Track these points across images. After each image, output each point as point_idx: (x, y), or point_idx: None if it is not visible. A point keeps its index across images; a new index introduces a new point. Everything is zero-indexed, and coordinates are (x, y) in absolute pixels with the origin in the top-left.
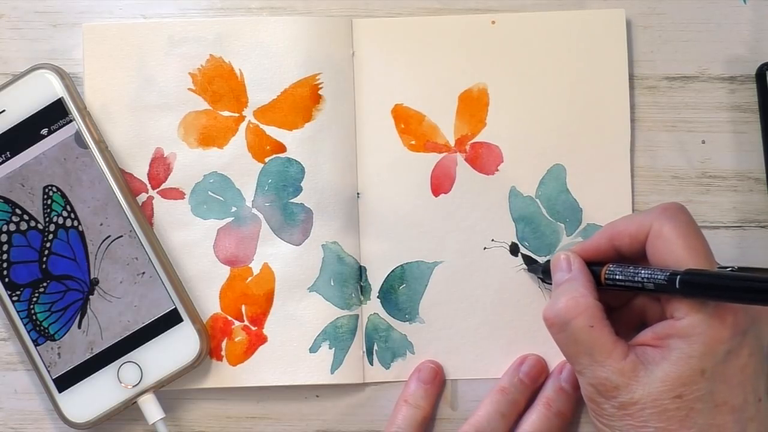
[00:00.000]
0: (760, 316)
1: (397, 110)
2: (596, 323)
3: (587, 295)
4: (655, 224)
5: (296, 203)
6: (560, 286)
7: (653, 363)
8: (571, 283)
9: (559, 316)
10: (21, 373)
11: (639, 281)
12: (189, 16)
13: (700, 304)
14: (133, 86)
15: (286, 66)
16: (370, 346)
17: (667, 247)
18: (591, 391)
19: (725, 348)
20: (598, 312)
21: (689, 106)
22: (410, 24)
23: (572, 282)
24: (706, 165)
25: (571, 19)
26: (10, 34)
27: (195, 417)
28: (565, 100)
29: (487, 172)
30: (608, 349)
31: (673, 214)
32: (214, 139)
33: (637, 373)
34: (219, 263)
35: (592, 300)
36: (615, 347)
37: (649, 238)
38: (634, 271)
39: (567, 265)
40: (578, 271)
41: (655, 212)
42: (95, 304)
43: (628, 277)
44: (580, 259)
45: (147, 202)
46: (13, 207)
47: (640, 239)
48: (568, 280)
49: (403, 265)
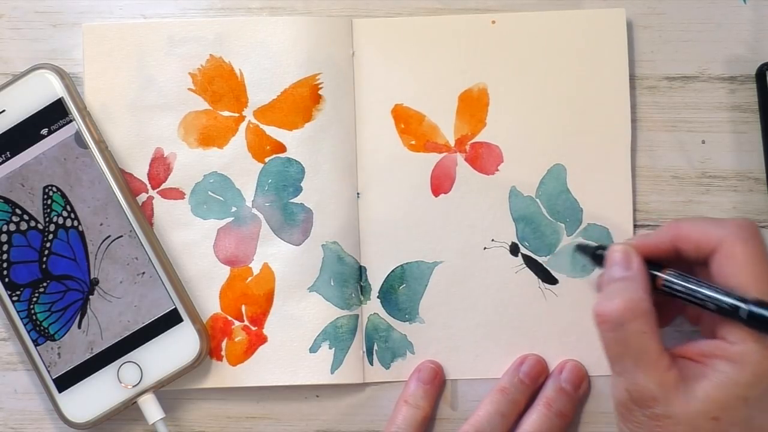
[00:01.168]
0: None
1: (397, 110)
2: (648, 330)
3: (645, 300)
4: (728, 242)
5: (296, 203)
6: (616, 284)
7: (694, 380)
8: (630, 283)
9: (613, 316)
10: (21, 373)
11: (700, 298)
12: (189, 16)
13: (757, 334)
14: (133, 86)
15: (286, 66)
16: (370, 346)
17: (737, 270)
18: (625, 397)
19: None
20: (652, 319)
21: (689, 106)
22: (410, 24)
23: (631, 282)
24: (706, 165)
25: (571, 19)
26: (10, 34)
27: (195, 417)
28: (566, 99)
29: (488, 172)
30: (654, 359)
31: (749, 236)
32: (214, 139)
33: (677, 388)
34: (219, 263)
35: (649, 305)
36: (661, 357)
37: (718, 254)
38: (696, 288)
39: (625, 261)
40: (638, 271)
41: (730, 228)
42: (95, 304)
43: (688, 291)
44: (639, 257)
45: (147, 202)
46: (13, 207)
47: (706, 251)
48: (625, 279)
49: (403, 265)
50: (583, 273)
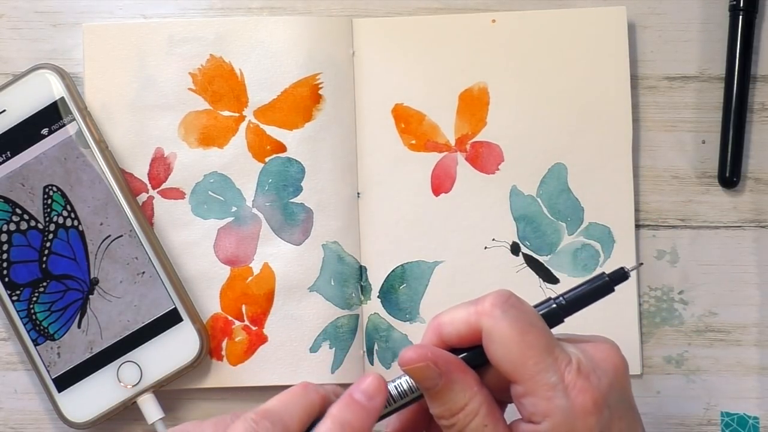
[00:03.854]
0: (615, 377)
1: (398, 110)
2: (490, 423)
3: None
4: (486, 327)
5: (296, 203)
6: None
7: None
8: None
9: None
10: (21, 373)
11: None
12: (189, 16)
13: (553, 399)
14: (134, 86)
15: (286, 66)
16: (370, 346)
17: (503, 352)
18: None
19: (598, 430)
20: (492, 411)
21: (689, 106)
22: (410, 24)
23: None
24: (706, 165)
25: (571, 17)
26: (10, 34)
27: (195, 417)
28: (566, 98)
29: (488, 171)
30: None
31: (503, 311)
32: (215, 138)
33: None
34: (219, 263)
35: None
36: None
37: (483, 341)
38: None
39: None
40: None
41: (484, 310)
42: (95, 304)
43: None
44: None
45: (147, 202)
46: (13, 207)
47: (471, 341)
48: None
49: (404, 264)
50: (584, 272)
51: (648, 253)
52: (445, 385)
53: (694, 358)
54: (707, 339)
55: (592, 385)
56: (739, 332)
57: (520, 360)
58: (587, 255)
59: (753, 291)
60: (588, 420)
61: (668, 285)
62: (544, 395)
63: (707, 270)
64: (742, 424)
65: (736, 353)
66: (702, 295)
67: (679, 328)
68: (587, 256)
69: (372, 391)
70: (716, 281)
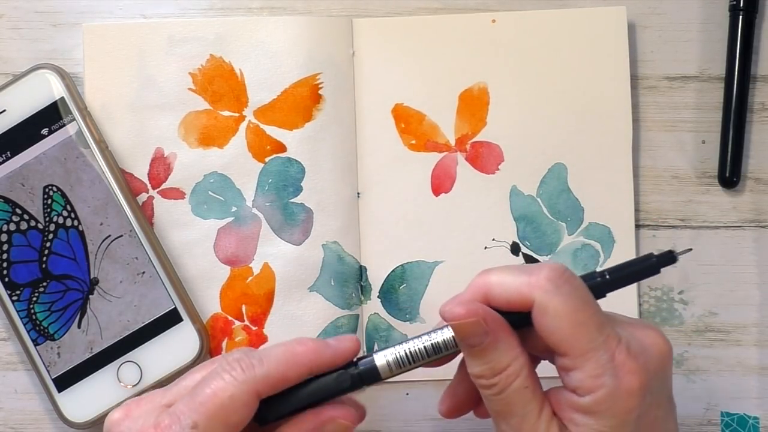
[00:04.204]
0: (661, 363)
1: (398, 110)
2: (530, 384)
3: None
4: (539, 297)
5: (296, 203)
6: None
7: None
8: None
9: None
10: (21, 373)
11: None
12: (189, 16)
13: (601, 377)
14: (134, 86)
15: (286, 66)
16: (370, 346)
17: (554, 326)
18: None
19: (636, 415)
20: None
21: (689, 106)
22: (410, 24)
23: (500, 343)
24: (706, 165)
25: (571, 17)
26: (10, 34)
27: None
28: (566, 98)
29: (488, 171)
30: (537, 416)
31: (559, 286)
32: (215, 138)
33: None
34: (219, 263)
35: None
36: (543, 413)
37: (533, 311)
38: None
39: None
40: (501, 330)
41: (539, 281)
42: (95, 304)
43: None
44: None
45: (147, 202)
46: (13, 207)
47: (519, 307)
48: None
49: (404, 264)
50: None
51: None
52: (491, 343)
53: (694, 358)
54: (707, 339)
55: (640, 367)
56: (739, 332)
57: (572, 337)
58: (587, 255)
59: (753, 291)
60: (630, 401)
61: (668, 285)
62: (592, 372)
63: (707, 270)
64: (742, 424)
65: (736, 353)
66: (702, 295)
67: (679, 328)
68: (587, 256)
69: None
70: (716, 281)
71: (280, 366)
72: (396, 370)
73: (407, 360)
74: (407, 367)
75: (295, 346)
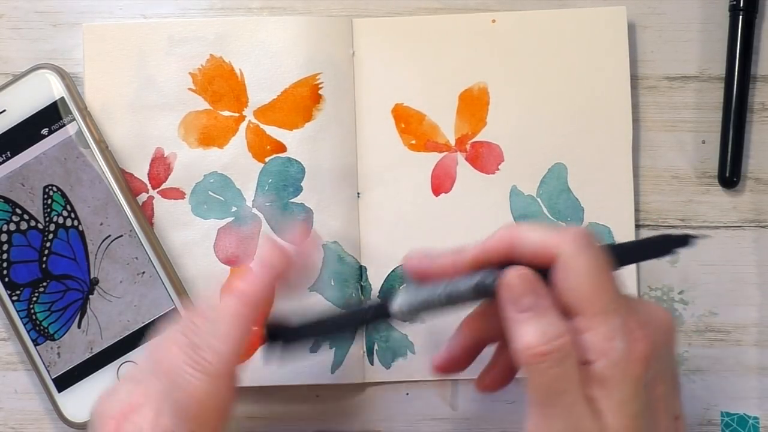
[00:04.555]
0: (666, 337)
1: (398, 110)
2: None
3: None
4: (565, 254)
5: (296, 203)
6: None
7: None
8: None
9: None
10: (21, 373)
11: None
12: (189, 16)
13: (613, 340)
14: (134, 86)
15: (286, 66)
16: (370, 346)
17: (576, 283)
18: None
19: (643, 384)
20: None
21: (689, 106)
22: (410, 24)
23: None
24: (706, 165)
25: (571, 17)
26: (10, 34)
27: None
28: (567, 98)
29: (488, 171)
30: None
31: (585, 247)
32: (215, 139)
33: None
34: (219, 263)
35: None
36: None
37: (556, 266)
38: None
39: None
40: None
41: (567, 239)
42: (95, 304)
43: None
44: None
45: (147, 202)
46: (13, 207)
47: (543, 262)
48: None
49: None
50: None
51: None
52: (548, 306)
53: (694, 358)
54: (707, 339)
55: (648, 336)
56: (739, 332)
57: (591, 297)
58: None
59: (753, 291)
60: (638, 368)
61: (668, 285)
62: (606, 335)
63: (707, 270)
64: (742, 424)
65: (736, 353)
66: (702, 295)
67: (679, 328)
68: None
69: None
70: (716, 281)
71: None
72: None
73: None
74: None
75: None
